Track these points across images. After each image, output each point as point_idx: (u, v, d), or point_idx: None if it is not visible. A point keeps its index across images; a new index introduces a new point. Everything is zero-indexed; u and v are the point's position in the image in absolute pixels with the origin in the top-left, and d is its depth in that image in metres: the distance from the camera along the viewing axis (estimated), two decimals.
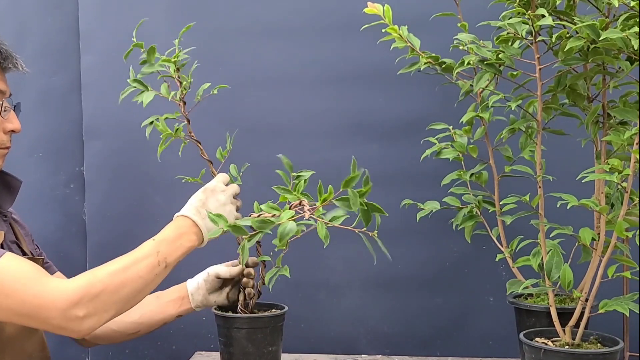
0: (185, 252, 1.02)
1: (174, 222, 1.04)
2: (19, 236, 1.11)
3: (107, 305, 0.92)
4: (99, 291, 0.91)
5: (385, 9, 1.09)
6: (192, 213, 1.03)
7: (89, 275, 0.94)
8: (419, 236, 1.42)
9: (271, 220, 0.91)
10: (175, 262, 1.01)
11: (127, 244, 1.52)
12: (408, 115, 1.41)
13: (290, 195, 0.96)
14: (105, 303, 0.91)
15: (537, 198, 1.08)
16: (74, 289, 0.90)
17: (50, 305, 0.88)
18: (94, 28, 1.52)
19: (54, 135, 1.55)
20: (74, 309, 0.88)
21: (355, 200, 0.87)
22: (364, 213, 0.90)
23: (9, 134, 1.06)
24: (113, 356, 1.53)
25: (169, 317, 1.19)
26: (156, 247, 0.98)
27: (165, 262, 0.98)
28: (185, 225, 1.03)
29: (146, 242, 1.00)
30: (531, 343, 0.96)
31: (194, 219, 1.03)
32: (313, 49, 1.44)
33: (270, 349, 1.08)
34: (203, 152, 1.17)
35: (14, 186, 1.10)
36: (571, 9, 1.02)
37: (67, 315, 0.88)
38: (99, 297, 0.91)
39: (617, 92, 1.07)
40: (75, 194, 1.55)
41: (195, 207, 1.03)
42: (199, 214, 1.03)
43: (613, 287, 1.04)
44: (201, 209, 1.03)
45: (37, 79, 1.53)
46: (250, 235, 0.95)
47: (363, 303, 1.45)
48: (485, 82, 1.03)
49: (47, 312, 0.88)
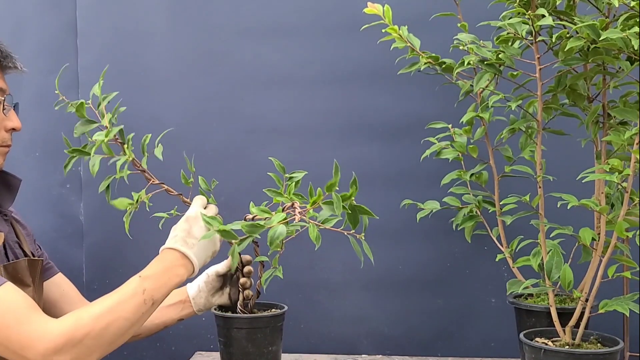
0: (173, 287, 0.98)
1: (160, 256, 1.00)
2: (20, 236, 1.10)
3: (90, 349, 0.89)
4: (82, 336, 0.88)
5: (385, 9, 1.09)
6: (179, 244, 0.99)
7: (74, 318, 0.91)
8: (419, 236, 1.42)
9: (261, 224, 0.90)
10: (163, 298, 0.97)
11: (123, 244, 1.52)
12: (408, 115, 1.41)
13: (282, 197, 0.96)
14: (88, 347, 0.89)
15: (537, 198, 1.08)
16: (57, 334, 0.87)
17: (33, 349, 0.86)
18: (92, 27, 1.51)
19: (51, 135, 1.54)
20: (56, 355, 0.86)
21: (338, 204, 0.87)
22: (350, 216, 0.90)
23: (10, 132, 1.06)
24: (113, 356, 1.52)
25: (170, 321, 1.18)
26: (142, 285, 0.95)
27: (152, 300, 0.95)
28: (172, 258, 0.99)
29: (132, 279, 0.96)
30: (531, 343, 0.96)
31: (182, 250, 0.99)
32: (313, 49, 1.44)
33: (270, 349, 1.08)
34: (170, 190, 1.10)
35: (14, 185, 1.09)
36: (571, 9, 1.02)
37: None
38: (82, 342, 0.88)
39: (617, 92, 1.07)
40: (72, 194, 1.55)
41: (182, 238, 0.99)
42: (186, 244, 0.99)
43: (613, 287, 1.04)
44: (188, 238, 1.00)
45: (34, 78, 1.52)
46: (240, 239, 0.94)
47: (363, 303, 1.45)
48: (485, 82, 1.03)
49: (29, 354, 0.86)
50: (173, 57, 1.49)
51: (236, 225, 0.93)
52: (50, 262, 1.19)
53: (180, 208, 1.12)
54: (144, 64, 1.50)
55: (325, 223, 0.92)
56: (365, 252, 0.94)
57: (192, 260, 0.99)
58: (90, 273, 1.53)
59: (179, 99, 1.50)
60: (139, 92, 1.51)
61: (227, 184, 1.31)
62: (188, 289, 1.19)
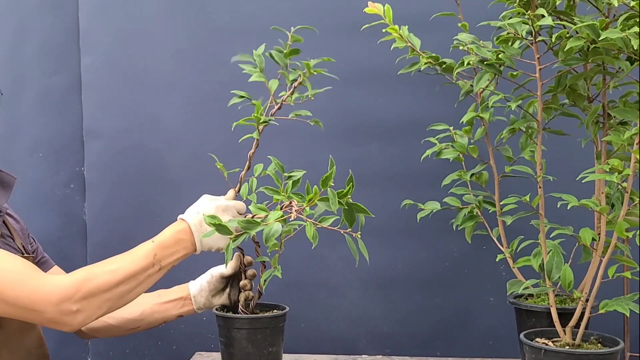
0: (181, 258, 1.04)
1: (174, 226, 1.05)
2: (12, 231, 1.11)
3: (100, 301, 0.95)
4: (93, 288, 0.94)
5: (386, 9, 1.09)
6: (193, 222, 1.04)
7: (86, 271, 0.97)
8: (419, 236, 1.42)
9: (257, 221, 0.91)
10: (170, 266, 1.03)
11: (127, 244, 1.51)
12: (408, 115, 1.41)
13: (280, 195, 0.97)
14: (98, 300, 0.94)
15: (537, 198, 1.07)
16: (68, 284, 0.93)
17: (45, 299, 0.91)
18: (94, 28, 1.52)
19: (54, 135, 1.55)
20: (67, 303, 0.91)
21: (334, 200, 0.87)
22: (346, 213, 0.91)
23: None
24: (114, 356, 1.53)
25: (170, 317, 1.19)
26: (153, 250, 1.01)
27: (159, 265, 1.01)
28: (184, 231, 1.04)
29: (144, 244, 1.02)
30: (531, 343, 0.96)
31: (193, 229, 1.04)
32: (313, 49, 1.44)
33: (270, 350, 1.08)
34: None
35: (9, 182, 1.11)
36: (571, 9, 1.02)
37: (61, 309, 0.91)
38: (92, 293, 0.93)
39: (617, 92, 1.07)
40: (76, 194, 1.55)
41: (200, 221, 1.03)
42: (201, 227, 1.03)
43: (613, 287, 1.04)
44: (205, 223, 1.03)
45: (37, 79, 1.53)
46: (235, 235, 0.96)
47: (363, 303, 1.45)
48: (486, 82, 1.03)
49: (41, 306, 0.91)
50: (174, 58, 1.49)
51: (233, 222, 0.94)
52: (45, 255, 1.20)
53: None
54: (145, 65, 1.51)
55: (322, 222, 0.92)
56: (360, 250, 0.94)
57: (196, 241, 1.03)
58: None
59: (180, 99, 1.50)
60: (140, 93, 1.52)
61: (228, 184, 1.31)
62: (190, 287, 1.19)
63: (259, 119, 1.06)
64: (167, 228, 1.05)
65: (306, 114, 1.13)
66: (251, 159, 1.13)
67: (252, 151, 1.12)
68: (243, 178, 1.12)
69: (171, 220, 1.10)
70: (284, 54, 1.09)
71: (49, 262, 1.19)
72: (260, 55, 1.10)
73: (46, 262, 1.19)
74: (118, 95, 1.53)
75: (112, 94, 1.53)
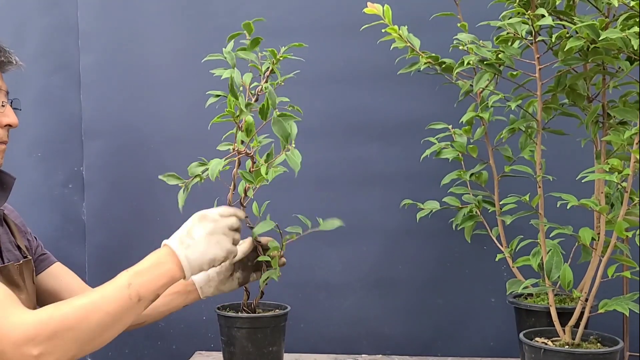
0: (165, 284, 0.92)
1: (155, 251, 0.95)
2: (15, 233, 1.09)
3: (66, 342, 0.83)
4: (57, 328, 0.83)
5: (385, 9, 1.09)
6: (173, 241, 0.94)
7: (52, 309, 0.85)
8: (419, 236, 1.42)
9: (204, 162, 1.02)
10: (153, 295, 0.91)
11: (126, 244, 1.53)
12: (408, 115, 1.41)
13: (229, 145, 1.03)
14: (63, 340, 0.83)
15: (537, 198, 1.08)
16: (31, 323, 0.83)
17: (5, 338, 0.82)
18: (93, 28, 1.52)
19: (53, 135, 1.55)
20: (28, 346, 0.81)
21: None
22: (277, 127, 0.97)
23: (6, 128, 1.03)
24: (113, 356, 1.53)
25: (175, 308, 1.14)
26: (128, 280, 0.89)
27: (138, 296, 0.88)
28: (164, 254, 0.93)
29: (120, 273, 0.91)
30: (531, 343, 0.96)
31: (174, 247, 0.93)
32: (313, 49, 1.44)
33: (271, 349, 1.08)
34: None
35: (8, 183, 1.07)
36: (571, 9, 1.02)
37: (21, 352, 0.82)
38: (56, 333, 0.83)
39: (617, 92, 1.07)
40: (74, 194, 1.55)
41: (180, 236, 0.94)
42: (182, 244, 0.93)
43: (613, 287, 1.04)
44: (185, 238, 0.94)
45: (36, 78, 1.53)
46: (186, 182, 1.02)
47: (363, 303, 1.45)
48: (485, 82, 1.03)
49: (2, 344, 0.82)
50: (174, 58, 1.49)
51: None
52: (47, 252, 1.16)
53: None
54: (144, 64, 1.51)
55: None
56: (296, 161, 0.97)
57: (181, 260, 0.92)
58: (93, 273, 1.53)
59: (180, 99, 1.50)
60: (139, 92, 1.52)
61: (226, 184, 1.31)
62: (194, 277, 1.11)
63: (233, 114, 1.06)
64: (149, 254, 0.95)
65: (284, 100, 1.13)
66: (239, 156, 1.12)
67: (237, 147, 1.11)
68: (236, 176, 1.12)
69: (170, 220, 1.09)
70: (247, 48, 1.10)
71: (49, 259, 1.16)
72: (230, 52, 1.10)
73: (46, 259, 1.15)
74: (117, 95, 1.53)
75: (111, 94, 1.53)
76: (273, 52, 1.09)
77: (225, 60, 1.10)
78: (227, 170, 1.17)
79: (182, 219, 1.13)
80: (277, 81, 1.11)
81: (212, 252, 0.94)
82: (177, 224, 1.48)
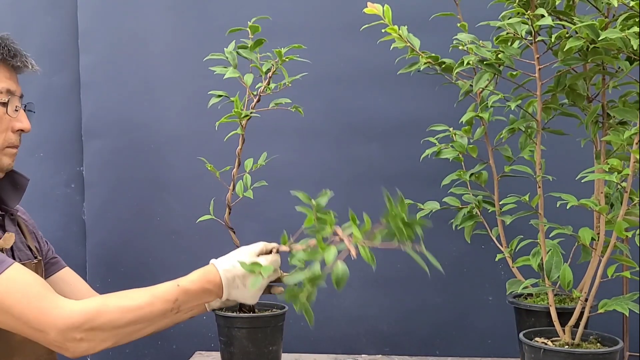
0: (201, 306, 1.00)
1: (205, 273, 0.97)
2: (26, 235, 1.11)
3: (106, 336, 0.91)
4: (103, 322, 0.90)
5: (385, 9, 1.09)
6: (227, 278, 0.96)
7: (100, 303, 0.92)
8: (419, 236, 1.42)
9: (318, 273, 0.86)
10: (189, 312, 0.99)
11: (126, 244, 1.53)
12: (408, 115, 1.41)
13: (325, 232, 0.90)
14: (105, 334, 0.91)
15: (536, 198, 1.08)
16: (78, 313, 0.89)
17: (51, 323, 0.89)
18: (93, 27, 1.52)
19: (54, 135, 1.55)
20: (73, 332, 0.89)
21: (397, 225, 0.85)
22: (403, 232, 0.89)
23: (18, 133, 1.05)
24: (113, 356, 1.53)
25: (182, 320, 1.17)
26: (176, 295, 0.95)
27: (178, 310, 0.96)
28: (214, 284, 0.97)
29: (168, 284, 0.95)
30: (531, 343, 0.96)
31: (224, 283, 0.96)
32: (313, 49, 1.44)
33: (270, 349, 1.09)
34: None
35: (21, 184, 1.10)
36: (571, 9, 1.02)
37: (65, 336, 0.89)
38: (101, 327, 0.90)
39: (617, 92, 1.07)
40: (75, 194, 1.56)
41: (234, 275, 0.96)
42: (232, 283, 0.96)
43: (613, 287, 1.04)
44: (239, 280, 0.97)
45: (36, 79, 1.53)
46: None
47: (363, 303, 1.45)
48: (485, 82, 1.03)
49: (47, 327, 0.89)
50: (174, 58, 1.50)
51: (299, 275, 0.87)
52: (57, 256, 1.18)
53: None
54: (144, 65, 1.51)
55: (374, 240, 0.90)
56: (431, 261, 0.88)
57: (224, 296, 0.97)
58: (93, 272, 1.54)
59: (180, 99, 1.51)
60: (139, 92, 1.52)
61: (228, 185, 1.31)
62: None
63: (239, 114, 1.06)
64: (197, 272, 0.97)
65: (286, 102, 1.13)
66: (240, 156, 1.13)
67: (239, 148, 1.12)
68: (235, 176, 1.12)
69: (169, 221, 1.09)
70: (249, 48, 1.10)
71: (59, 263, 1.18)
72: (232, 52, 1.10)
73: (56, 263, 1.17)
74: (117, 95, 1.54)
75: (111, 94, 1.53)
76: (279, 53, 1.08)
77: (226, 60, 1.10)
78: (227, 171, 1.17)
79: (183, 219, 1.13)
80: (282, 82, 1.11)
81: (250, 298, 0.99)
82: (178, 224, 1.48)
